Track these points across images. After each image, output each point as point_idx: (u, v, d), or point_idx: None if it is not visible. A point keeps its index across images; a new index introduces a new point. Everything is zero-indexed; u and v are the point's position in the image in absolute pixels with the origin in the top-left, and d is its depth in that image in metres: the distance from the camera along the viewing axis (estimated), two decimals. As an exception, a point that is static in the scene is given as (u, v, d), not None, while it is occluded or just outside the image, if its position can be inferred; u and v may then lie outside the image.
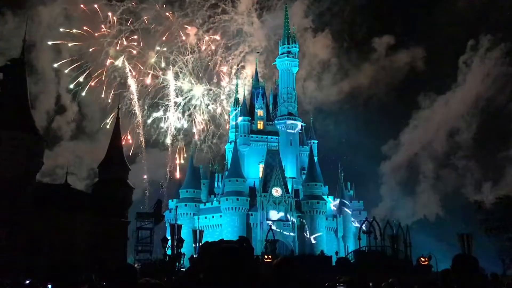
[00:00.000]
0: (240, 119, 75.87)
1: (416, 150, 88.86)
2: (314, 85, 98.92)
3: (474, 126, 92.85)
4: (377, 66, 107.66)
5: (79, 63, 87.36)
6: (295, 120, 76.97)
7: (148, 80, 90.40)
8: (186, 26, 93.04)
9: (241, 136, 75.02)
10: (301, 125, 78.80)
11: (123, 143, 56.40)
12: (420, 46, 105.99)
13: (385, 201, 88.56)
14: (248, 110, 76.82)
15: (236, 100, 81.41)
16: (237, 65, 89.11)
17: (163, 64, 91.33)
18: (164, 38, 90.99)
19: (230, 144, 78.02)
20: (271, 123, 77.65)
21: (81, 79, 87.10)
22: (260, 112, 77.81)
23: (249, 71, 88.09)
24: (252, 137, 75.57)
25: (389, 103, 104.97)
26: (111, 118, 78.70)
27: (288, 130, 75.90)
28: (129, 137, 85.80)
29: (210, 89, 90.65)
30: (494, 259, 38.64)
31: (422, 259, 45.57)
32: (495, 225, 42.77)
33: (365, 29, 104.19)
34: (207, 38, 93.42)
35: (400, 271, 37.43)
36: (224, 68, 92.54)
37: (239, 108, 77.72)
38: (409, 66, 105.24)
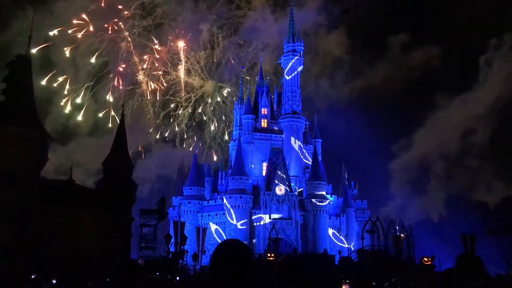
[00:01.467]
0: (244, 117, 75.95)
1: (428, 150, 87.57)
2: (327, 83, 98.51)
3: (491, 127, 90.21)
4: (392, 64, 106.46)
5: (95, 55, 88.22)
6: (299, 118, 76.93)
7: (160, 76, 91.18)
8: (199, 22, 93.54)
9: (245, 134, 75.08)
10: (306, 124, 78.78)
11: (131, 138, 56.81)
12: (436, 44, 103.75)
13: (391, 200, 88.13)
14: (253, 108, 76.87)
15: (241, 98, 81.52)
16: (249, 62, 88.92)
17: (177, 60, 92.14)
18: (177, 33, 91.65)
19: (234, 142, 78.13)
20: (275, 121, 77.66)
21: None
22: (264, 110, 77.83)
23: (257, 69, 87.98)
24: (256, 135, 75.63)
25: (402, 102, 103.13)
26: (119, 114, 79.65)
27: (292, 129, 75.89)
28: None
29: (221, 86, 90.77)
30: (498, 260, 38.56)
31: (425, 259, 45.47)
32: (499, 226, 42.73)
33: (380, 26, 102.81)
34: (219, 34, 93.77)
35: (403, 271, 37.43)
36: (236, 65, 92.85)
37: (244, 106, 77.82)
38: (425, 65, 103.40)
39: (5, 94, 39.47)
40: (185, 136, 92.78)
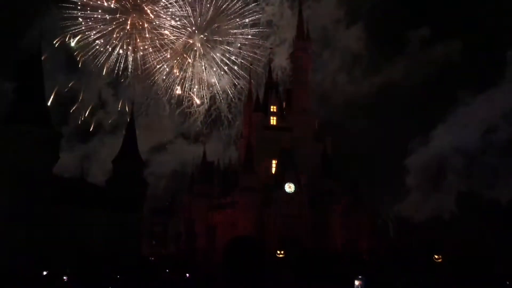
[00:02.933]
0: (253, 114, 75.76)
1: (447, 147, 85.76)
2: (345, 78, 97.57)
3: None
4: (411, 60, 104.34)
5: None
6: (309, 115, 76.58)
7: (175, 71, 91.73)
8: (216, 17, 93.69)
9: (254, 131, 74.89)
10: (315, 121, 78.44)
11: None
12: (457, 38, 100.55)
13: (406, 197, 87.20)
14: (262, 106, 76.68)
15: (250, 95, 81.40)
16: (268, 57, 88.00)
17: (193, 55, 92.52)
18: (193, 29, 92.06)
19: (244, 139, 78.04)
20: (284, 118, 77.38)
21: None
22: (273, 108, 77.52)
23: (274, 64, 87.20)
24: (265, 132, 75.43)
25: (422, 97, 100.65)
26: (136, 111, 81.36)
27: (301, 126, 75.55)
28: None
29: (237, 84, 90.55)
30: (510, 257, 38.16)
31: (436, 257, 45.23)
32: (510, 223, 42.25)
33: (400, 21, 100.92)
34: (236, 30, 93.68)
35: (415, 268, 37.23)
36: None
37: (253, 103, 77.67)
38: (446, 60, 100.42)
39: (17, 93, 39.83)
40: (203, 133, 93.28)
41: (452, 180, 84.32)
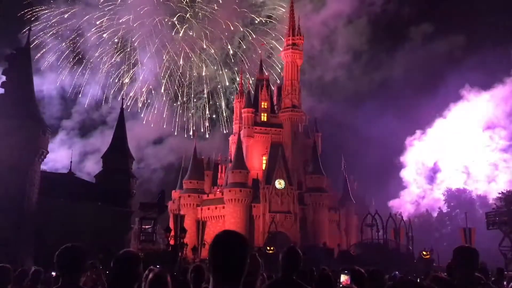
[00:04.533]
0: (244, 110, 75.81)
1: (444, 144, 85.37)
2: (346, 74, 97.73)
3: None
4: (412, 55, 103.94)
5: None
6: (299, 112, 76.83)
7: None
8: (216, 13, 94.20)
9: (245, 127, 74.99)
10: (305, 117, 78.71)
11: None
12: (460, 34, 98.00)
13: (400, 193, 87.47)
14: (253, 102, 76.71)
15: (240, 91, 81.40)
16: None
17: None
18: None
19: (234, 135, 78.07)
20: (275, 115, 77.52)
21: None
22: (264, 104, 77.64)
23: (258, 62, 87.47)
24: (256, 128, 75.52)
25: (422, 94, 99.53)
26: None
27: (292, 122, 75.78)
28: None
29: (234, 79, 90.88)
30: (496, 254, 38.61)
31: (424, 253, 45.62)
32: (498, 219, 42.77)
33: (402, 16, 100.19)
34: (237, 24, 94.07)
35: (402, 264, 37.54)
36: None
37: (244, 100, 77.67)
38: (448, 56, 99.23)
39: (5, 87, 39.42)
40: (195, 127, 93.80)
41: (447, 176, 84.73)
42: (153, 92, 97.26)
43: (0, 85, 39.87)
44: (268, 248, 47.85)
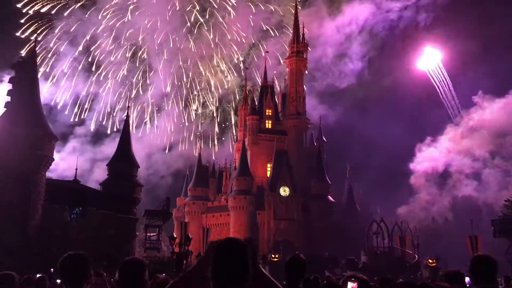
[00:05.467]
0: (248, 117, 75.89)
1: (455, 150, 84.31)
2: (357, 81, 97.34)
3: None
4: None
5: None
6: (303, 119, 76.82)
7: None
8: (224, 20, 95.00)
9: (249, 135, 75.04)
10: (310, 124, 78.70)
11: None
12: (474, 40, 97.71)
13: (408, 201, 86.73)
14: (257, 109, 76.81)
15: (245, 99, 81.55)
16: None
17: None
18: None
19: (239, 142, 78.12)
20: (279, 122, 77.55)
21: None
22: (269, 111, 77.71)
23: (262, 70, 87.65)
24: (260, 136, 75.53)
25: (432, 101, 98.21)
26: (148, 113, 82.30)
27: (296, 129, 75.75)
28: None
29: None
30: (502, 262, 38.27)
31: (430, 261, 45.30)
32: (504, 227, 42.45)
33: (418, 22, 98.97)
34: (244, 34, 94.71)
35: (408, 272, 37.31)
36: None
37: (248, 107, 77.80)
38: (461, 63, 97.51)
39: (11, 95, 39.69)
40: (200, 134, 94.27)
41: (457, 183, 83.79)
42: (164, 99, 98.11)
43: (6, 93, 40.17)
44: (272, 255, 47.70)
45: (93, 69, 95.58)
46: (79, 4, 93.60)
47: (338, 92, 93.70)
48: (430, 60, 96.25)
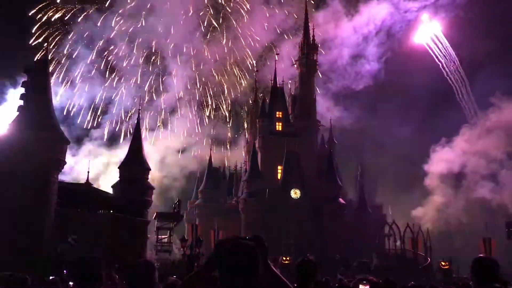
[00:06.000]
0: (259, 120, 75.85)
1: (471, 151, 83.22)
2: (373, 82, 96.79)
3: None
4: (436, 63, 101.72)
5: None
6: (314, 121, 76.60)
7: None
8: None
9: (259, 137, 74.98)
10: (321, 127, 78.45)
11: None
12: (491, 39, 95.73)
13: (420, 202, 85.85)
14: (267, 111, 76.77)
15: (255, 101, 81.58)
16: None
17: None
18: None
19: (249, 145, 78.13)
20: (290, 124, 77.41)
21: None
22: (279, 114, 77.62)
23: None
24: (271, 138, 75.44)
25: (447, 100, 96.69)
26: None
27: (307, 132, 75.54)
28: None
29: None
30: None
31: (443, 263, 44.92)
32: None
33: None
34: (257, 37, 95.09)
35: (420, 275, 36.99)
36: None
37: (258, 109, 77.80)
38: (478, 62, 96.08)
39: (24, 99, 40.17)
40: (212, 137, 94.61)
41: (472, 185, 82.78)
42: (177, 102, 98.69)
43: (19, 97, 40.69)
44: (284, 258, 47.61)
45: (108, 72, 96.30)
46: (94, 8, 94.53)
47: (353, 94, 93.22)
48: (446, 59, 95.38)
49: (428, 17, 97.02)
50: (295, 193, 67.95)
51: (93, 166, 71.55)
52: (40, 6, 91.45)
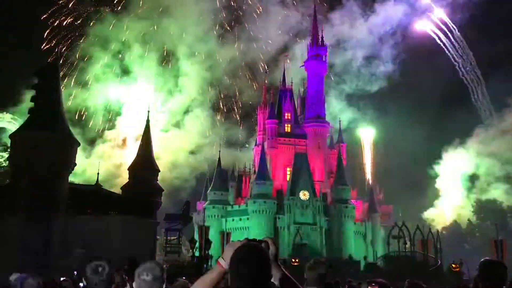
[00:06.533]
0: (267, 121, 75.87)
1: (483, 152, 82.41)
2: (387, 83, 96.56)
3: None
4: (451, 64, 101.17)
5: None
6: (323, 122, 76.48)
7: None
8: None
9: (268, 139, 74.98)
10: (330, 128, 78.32)
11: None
12: (506, 39, 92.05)
13: (431, 203, 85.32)
14: (276, 113, 76.74)
15: (264, 103, 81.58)
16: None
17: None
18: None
19: (258, 146, 78.13)
20: (299, 125, 77.33)
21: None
22: (288, 115, 77.57)
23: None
24: (279, 139, 75.42)
25: (459, 101, 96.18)
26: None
27: (316, 133, 75.43)
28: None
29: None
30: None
31: (453, 266, 44.53)
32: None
33: (454, 22, 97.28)
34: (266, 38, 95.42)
35: (430, 277, 36.71)
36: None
37: (267, 111, 77.80)
38: (493, 62, 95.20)
39: (35, 101, 40.54)
40: (223, 138, 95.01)
41: (485, 186, 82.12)
42: (191, 103, 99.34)
43: (30, 99, 41.11)
44: (293, 260, 47.50)
45: (123, 73, 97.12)
46: (108, 10, 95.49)
47: (368, 96, 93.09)
48: (463, 60, 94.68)
49: (445, 17, 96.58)
50: (303, 195, 67.81)
51: (106, 168, 71.95)
52: (53, 9, 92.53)
